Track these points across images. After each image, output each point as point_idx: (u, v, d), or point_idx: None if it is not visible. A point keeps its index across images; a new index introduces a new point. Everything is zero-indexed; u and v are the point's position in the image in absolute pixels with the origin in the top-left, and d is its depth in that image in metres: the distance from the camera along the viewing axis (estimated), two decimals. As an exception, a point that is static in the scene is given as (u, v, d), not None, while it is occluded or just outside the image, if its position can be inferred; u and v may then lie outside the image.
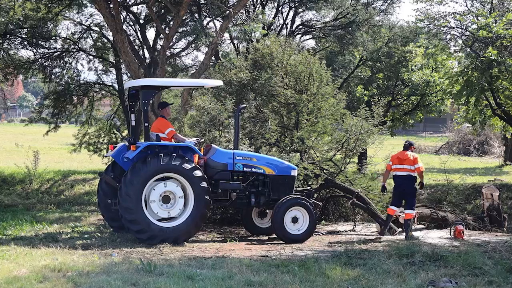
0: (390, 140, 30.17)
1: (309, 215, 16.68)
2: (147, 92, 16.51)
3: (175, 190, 15.81)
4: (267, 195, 17.13)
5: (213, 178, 16.74)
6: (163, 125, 16.90)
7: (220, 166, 16.85)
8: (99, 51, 33.34)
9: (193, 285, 10.68)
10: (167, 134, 16.69)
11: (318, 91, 20.65)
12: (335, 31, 31.95)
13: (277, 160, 17.59)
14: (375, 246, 15.61)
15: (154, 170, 15.64)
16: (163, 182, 15.78)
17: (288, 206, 16.59)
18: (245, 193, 17.02)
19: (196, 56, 41.85)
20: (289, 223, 16.57)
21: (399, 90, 32.98)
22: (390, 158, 18.26)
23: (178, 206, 15.83)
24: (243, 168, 16.99)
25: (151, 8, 24.57)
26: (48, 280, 10.80)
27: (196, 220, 15.91)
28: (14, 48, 28.95)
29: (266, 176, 17.15)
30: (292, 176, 17.37)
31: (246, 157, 17.14)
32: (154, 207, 15.71)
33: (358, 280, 11.31)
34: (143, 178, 15.57)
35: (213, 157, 16.89)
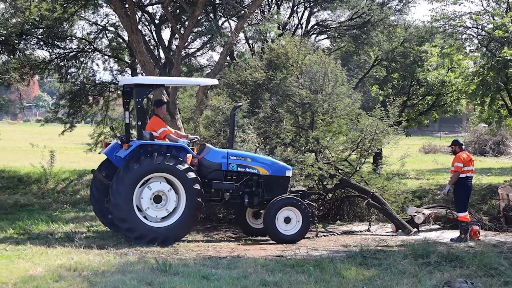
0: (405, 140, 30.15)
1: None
2: (141, 90, 16.44)
3: (163, 189, 15.65)
4: (261, 195, 16.95)
5: (207, 177, 16.59)
6: (156, 124, 16.79)
7: (213, 166, 16.71)
8: (115, 51, 33.39)
9: (208, 284, 10.68)
10: (159, 134, 16.55)
11: (333, 91, 20.63)
12: (350, 31, 31.92)
13: (271, 160, 17.43)
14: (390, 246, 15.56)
15: (146, 170, 15.50)
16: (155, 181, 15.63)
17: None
18: (238, 193, 16.85)
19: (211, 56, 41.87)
20: (282, 223, 16.44)
21: (415, 90, 32.93)
22: (459, 160, 17.60)
23: (172, 201, 15.67)
24: (237, 168, 16.83)
25: (166, 8, 24.58)
26: (64, 279, 10.83)
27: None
28: (30, 48, 29.03)
29: (260, 176, 16.98)
30: (287, 177, 17.23)
31: (240, 157, 16.98)
32: (150, 212, 15.57)
33: (373, 280, 11.28)
34: (135, 178, 15.43)
35: (206, 156, 16.77)
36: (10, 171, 28.08)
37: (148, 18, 30.70)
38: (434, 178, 28.58)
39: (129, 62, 32.92)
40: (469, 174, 17.49)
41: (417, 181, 27.58)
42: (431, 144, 53.14)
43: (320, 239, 17.17)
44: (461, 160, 17.40)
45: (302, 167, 19.26)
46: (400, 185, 21.35)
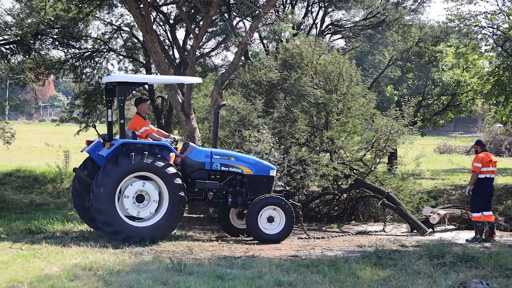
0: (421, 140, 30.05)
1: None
2: (124, 88, 16.32)
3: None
4: (244, 195, 16.84)
5: (190, 177, 16.46)
6: (138, 123, 16.71)
7: (197, 165, 16.60)
8: (129, 51, 33.49)
9: (223, 284, 10.68)
10: (141, 133, 16.50)
11: (348, 91, 20.61)
12: (365, 31, 31.89)
13: (255, 160, 17.33)
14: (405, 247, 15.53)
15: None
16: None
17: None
18: (222, 193, 16.76)
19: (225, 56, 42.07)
20: (265, 223, 16.33)
21: (430, 90, 32.82)
22: (477, 160, 17.45)
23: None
24: (221, 167, 16.73)
25: (181, 8, 24.60)
26: (79, 278, 10.86)
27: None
28: (45, 48, 29.09)
29: (244, 175, 16.88)
30: (271, 176, 17.09)
31: (224, 156, 16.87)
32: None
33: (388, 281, 11.26)
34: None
35: (190, 155, 16.69)
36: (26, 171, 28.20)
37: (163, 18, 30.77)
38: (449, 178, 28.51)
39: (144, 62, 33.00)
40: (488, 175, 17.41)
41: (432, 181, 27.53)
42: (446, 144, 53.02)
43: (335, 239, 17.14)
44: (480, 160, 17.33)
45: (317, 167, 19.25)
46: (415, 185, 21.33)
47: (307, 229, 17.86)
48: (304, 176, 19.24)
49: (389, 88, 32.22)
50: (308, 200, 20.66)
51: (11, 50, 27.61)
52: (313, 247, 15.39)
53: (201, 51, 30.68)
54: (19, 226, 17.34)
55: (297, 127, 20.13)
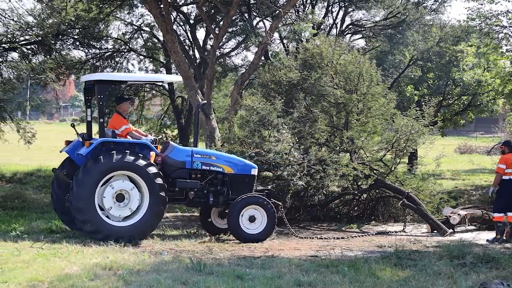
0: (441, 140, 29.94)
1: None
2: (103, 86, 16.03)
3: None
4: (226, 194, 16.65)
5: (171, 176, 16.26)
6: (117, 122, 16.50)
7: (178, 164, 16.40)
8: (150, 51, 33.61)
9: (243, 284, 10.68)
10: (121, 132, 16.28)
11: (368, 91, 20.55)
12: (385, 31, 31.82)
13: (236, 159, 17.20)
14: (425, 247, 15.47)
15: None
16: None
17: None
18: (203, 192, 16.55)
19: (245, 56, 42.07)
20: (246, 222, 16.17)
21: (450, 90, 32.71)
22: (501, 161, 17.27)
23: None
24: (202, 166, 16.54)
25: (201, 8, 24.67)
26: (99, 278, 10.89)
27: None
28: (66, 49, 29.22)
29: (225, 174, 16.69)
30: (252, 175, 16.94)
31: (205, 155, 16.71)
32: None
33: (408, 281, 11.22)
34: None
35: (170, 154, 16.51)
36: (46, 171, 28.31)
37: (183, 18, 30.85)
38: (469, 178, 28.42)
39: (164, 62, 33.12)
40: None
41: (453, 181, 27.45)
42: (466, 145, 52.83)
43: (355, 240, 17.10)
44: (504, 162, 17.23)
45: (336, 167, 19.21)
46: (435, 186, 21.24)
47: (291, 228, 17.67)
48: (324, 176, 19.20)
49: (409, 88, 32.12)
50: (328, 200, 20.63)
51: (32, 50, 27.75)
52: (332, 247, 15.37)
53: (221, 51, 30.72)
54: (40, 225, 17.42)
55: (317, 127, 20.08)
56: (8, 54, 27.79)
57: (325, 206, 20.51)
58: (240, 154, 19.20)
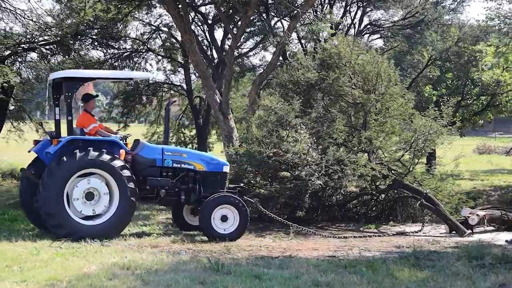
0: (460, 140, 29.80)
1: (239, 214, 16.10)
2: (71, 84, 15.85)
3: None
4: (197, 192, 16.53)
5: (141, 174, 16.09)
6: (86, 120, 16.34)
7: (148, 162, 16.25)
8: (168, 51, 33.64)
9: (260, 284, 10.68)
10: (90, 130, 16.10)
11: (386, 91, 20.49)
12: (403, 31, 31.71)
13: (208, 156, 17.18)
14: (443, 248, 15.42)
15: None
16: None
17: (216, 204, 16.05)
18: (174, 190, 16.46)
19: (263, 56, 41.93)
20: (218, 222, 16.01)
21: (469, 90, 32.58)
22: None
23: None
24: (173, 164, 16.40)
25: (219, 8, 24.68)
26: (117, 277, 10.93)
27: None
28: (85, 49, 29.31)
29: (196, 172, 16.58)
30: (224, 173, 16.85)
31: (176, 153, 16.61)
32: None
33: (427, 282, 11.18)
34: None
35: (141, 152, 16.34)
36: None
37: (201, 18, 30.87)
38: (488, 179, 28.28)
39: (182, 62, 33.14)
40: None
41: (471, 182, 27.32)
42: (485, 145, 52.62)
43: (373, 240, 17.07)
44: None
45: (354, 167, 19.17)
46: (454, 186, 21.16)
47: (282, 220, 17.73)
48: (342, 176, 19.17)
49: (427, 88, 32.02)
50: (346, 200, 20.60)
51: (51, 50, 27.85)
52: (350, 248, 15.34)
53: (239, 51, 30.73)
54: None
55: (335, 127, 20.03)
56: (27, 54, 27.94)
57: (343, 206, 20.49)
58: (258, 154, 19.21)
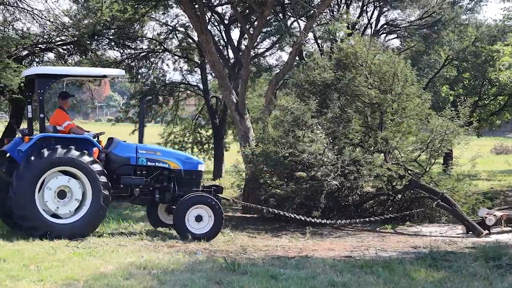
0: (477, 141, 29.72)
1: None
2: (43, 81, 15.61)
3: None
4: (172, 190, 16.32)
5: (115, 172, 15.86)
6: (60, 118, 16.07)
7: (122, 160, 16.00)
8: (184, 52, 33.73)
9: (277, 284, 10.67)
10: (64, 128, 15.84)
11: (403, 91, 20.45)
12: (420, 30, 31.59)
13: (183, 155, 17.04)
14: (460, 248, 15.37)
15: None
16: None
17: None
18: (149, 189, 16.25)
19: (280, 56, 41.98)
20: (193, 222, 15.84)
21: (486, 90, 32.45)
22: None
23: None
24: (147, 162, 16.17)
25: (236, 8, 24.69)
26: (134, 277, 10.95)
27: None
28: (102, 49, 29.45)
29: (171, 171, 16.37)
30: (199, 171, 16.70)
31: (150, 151, 16.37)
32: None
33: (443, 283, 11.14)
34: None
35: (114, 150, 16.09)
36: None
37: (218, 19, 30.91)
38: (505, 179, 28.19)
39: (199, 62, 33.22)
40: None
41: (488, 182, 27.25)
42: (503, 145, 52.44)
43: (389, 240, 17.04)
44: None
45: (371, 167, 19.14)
46: (470, 186, 21.09)
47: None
48: (358, 176, 19.16)
49: (444, 88, 31.91)
50: (362, 200, 20.58)
51: (68, 50, 28.01)
52: (367, 248, 15.31)
53: (256, 51, 30.75)
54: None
55: (351, 127, 20.02)
56: (45, 55, 28.14)
57: (359, 206, 20.47)
58: (274, 154, 19.22)
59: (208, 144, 35.78)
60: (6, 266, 11.57)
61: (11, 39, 24.53)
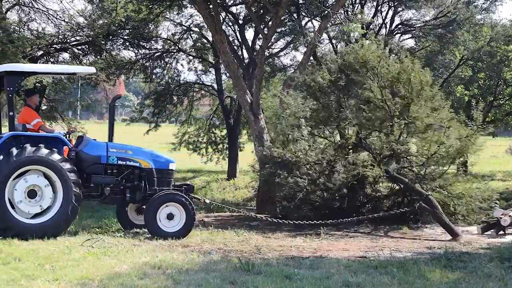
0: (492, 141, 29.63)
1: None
2: (12, 78, 15.36)
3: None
4: (143, 190, 16.16)
5: (85, 171, 15.67)
6: (29, 116, 15.78)
7: (92, 159, 15.82)
8: (199, 52, 33.78)
9: (291, 284, 10.67)
10: (33, 126, 15.59)
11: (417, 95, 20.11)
12: (435, 30, 31.53)
13: (154, 153, 16.81)
14: (475, 249, 15.31)
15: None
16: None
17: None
18: (119, 188, 16.09)
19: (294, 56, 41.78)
20: (164, 220, 15.76)
21: (501, 90, 32.37)
22: None
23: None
24: (118, 161, 16.00)
25: (250, 8, 24.67)
26: (148, 276, 10.97)
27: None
28: (116, 49, 29.53)
29: (142, 169, 16.21)
30: (170, 170, 16.59)
31: (121, 150, 16.19)
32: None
33: (458, 283, 11.11)
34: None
35: (85, 149, 15.89)
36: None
37: (232, 19, 30.91)
38: (521, 179, 28.07)
39: (213, 62, 33.27)
40: None
41: (504, 182, 27.16)
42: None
43: (404, 241, 16.99)
44: None
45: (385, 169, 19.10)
46: (485, 187, 20.96)
47: None
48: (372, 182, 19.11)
49: (459, 88, 31.84)
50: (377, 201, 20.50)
51: (83, 50, 28.11)
52: (381, 248, 15.29)
53: (270, 51, 30.74)
54: (90, 224, 17.61)
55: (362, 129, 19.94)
56: (60, 55, 28.25)
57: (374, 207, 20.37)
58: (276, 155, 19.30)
59: (222, 144, 35.80)
60: (21, 266, 11.64)
61: (26, 39, 24.64)
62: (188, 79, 35.72)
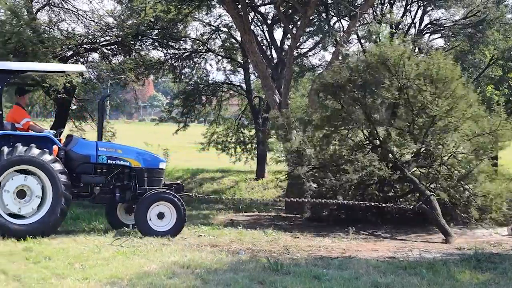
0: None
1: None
2: (1, 76, 15.23)
3: (32, 186, 14.65)
4: (133, 189, 16.01)
5: (75, 171, 15.50)
6: (18, 114, 15.70)
7: (82, 158, 15.62)
8: (228, 52, 33.83)
9: (320, 285, 10.66)
10: (23, 125, 15.50)
11: (451, 94, 19.95)
12: (465, 30, 31.33)
13: (144, 152, 16.66)
14: (506, 250, 15.21)
15: (8, 163, 14.46)
16: (23, 175, 14.62)
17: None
18: (109, 187, 15.92)
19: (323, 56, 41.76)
20: (155, 219, 15.59)
21: (532, 90, 32.07)
22: None
23: (32, 204, 14.66)
24: (107, 160, 15.80)
25: (279, 8, 24.70)
26: (177, 276, 10.99)
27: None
28: (145, 49, 29.64)
29: (132, 169, 16.04)
30: (160, 169, 16.40)
31: (111, 149, 16.05)
32: (6, 199, 14.52)
33: (488, 285, 11.03)
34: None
35: (74, 148, 15.72)
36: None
37: (261, 19, 30.95)
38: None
39: (242, 62, 33.29)
40: None
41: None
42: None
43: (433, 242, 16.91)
44: None
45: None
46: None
47: None
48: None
49: (489, 88, 31.61)
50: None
51: (112, 51, 28.24)
52: (410, 249, 15.22)
53: (299, 51, 30.71)
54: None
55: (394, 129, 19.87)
56: (89, 55, 28.39)
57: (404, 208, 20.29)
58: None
59: (251, 144, 35.82)
60: (51, 264, 11.72)
61: (56, 39, 24.81)
62: (216, 79, 35.80)
